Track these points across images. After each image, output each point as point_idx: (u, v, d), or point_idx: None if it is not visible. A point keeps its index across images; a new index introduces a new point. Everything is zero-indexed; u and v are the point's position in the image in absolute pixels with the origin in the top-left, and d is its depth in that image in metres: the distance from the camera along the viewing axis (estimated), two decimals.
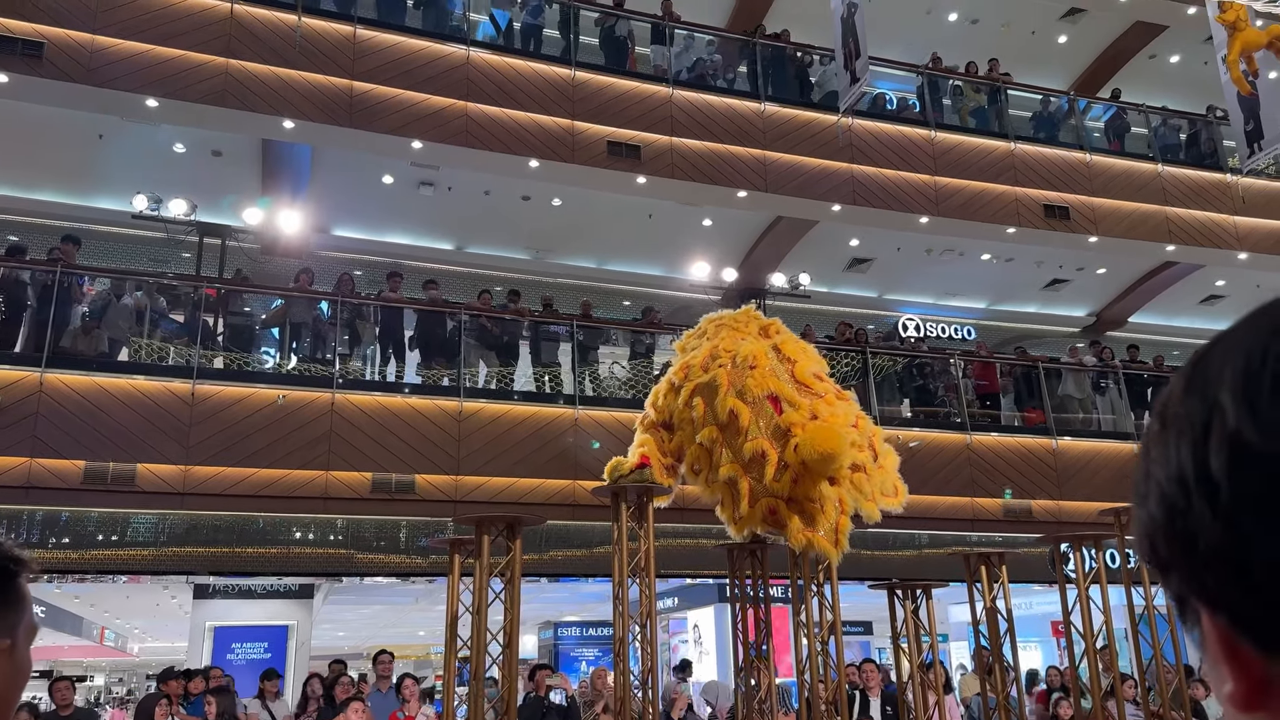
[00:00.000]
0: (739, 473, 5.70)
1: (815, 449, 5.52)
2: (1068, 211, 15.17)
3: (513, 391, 12.06)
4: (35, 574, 1.18)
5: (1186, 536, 0.52)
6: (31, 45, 10.78)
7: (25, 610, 1.15)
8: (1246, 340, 0.52)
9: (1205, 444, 0.51)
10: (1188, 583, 0.53)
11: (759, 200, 13.99)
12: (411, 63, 12.32)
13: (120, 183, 12.97)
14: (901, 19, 16.46)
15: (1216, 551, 0.50)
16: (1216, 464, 0.50)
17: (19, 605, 1.12)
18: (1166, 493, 0.53)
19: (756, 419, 5.77)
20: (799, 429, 5.62)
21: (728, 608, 13.44)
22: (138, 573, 11.01)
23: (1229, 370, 0.51)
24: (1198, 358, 0.55)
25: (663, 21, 14.28)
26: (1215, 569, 0.51)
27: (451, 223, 14.93)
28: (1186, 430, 0.52)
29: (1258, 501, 0.48)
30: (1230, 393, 0.51)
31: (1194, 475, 0.51)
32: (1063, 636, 15.09)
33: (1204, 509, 0.50)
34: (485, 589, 5.31)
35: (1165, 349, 17.49)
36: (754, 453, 5.66)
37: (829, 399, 6.05)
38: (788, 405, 5.82)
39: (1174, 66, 18.70)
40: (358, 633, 22.08)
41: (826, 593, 5.81)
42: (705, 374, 6.04)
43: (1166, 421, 0.54)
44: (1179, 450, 0.52)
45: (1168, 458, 0.53)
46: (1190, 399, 0.53)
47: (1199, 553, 0.51)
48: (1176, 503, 0.52)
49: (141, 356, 10.81)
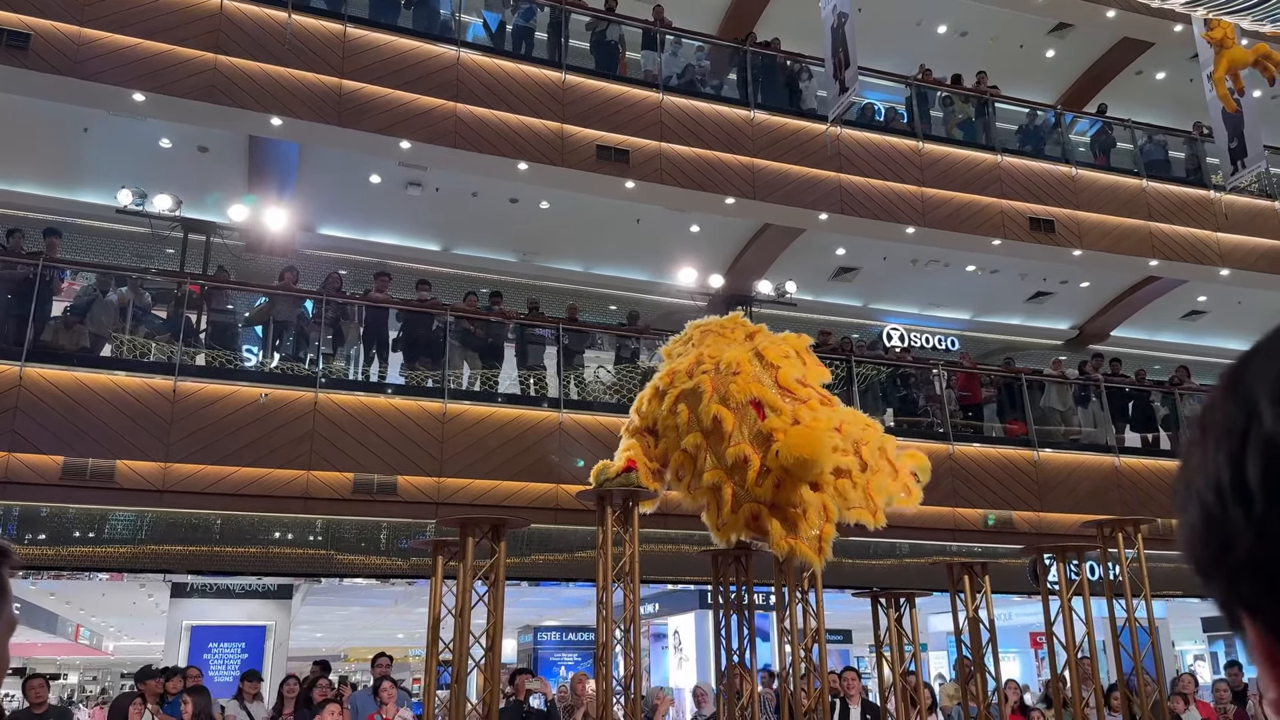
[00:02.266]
0: (723, 478, 5.69)
1: (794, 453, 5.52)
2: (1053, 225, 15.26)
3: (497, 394, 12.02)
4: (16, 567, 1.15)
5: (1223, 544, 0.51)
6: (18, 36, 10.68)
7: (4, 603, 1.12)
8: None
9: (1243, 452, 0.50)
10: (1228, 590, 0.52)
11: (747, 207, 14.01)
12: (401, 62, 12.28)
13: (105, 177, 12.87)
14: (891, 30, 16.54)
15: (1251, 560, 0.49)
16: (1253, 472, 0.49)
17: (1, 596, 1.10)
18: (1205, 500, 0.52)
19: (740, 425, 5.77)
20: (780, 434, 5.63)
21: (708, 614, 13.45)
22: (115, 570, 10.90)
23: (1268, 377, 0.51)
24: (1240, 364, 0.54)
25: (654, 27, 14.30)
26: (1250, 577, 0.50)
27: (439, 224, 14.89)
28: (1224, 438, 0.51)
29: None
30: (1269, 400, 0.50)
31: (1230, 483, 0.50)
32: (1041, 648, 15.15)
33: (1239, 517, 0.50)
34: (469, 591, 5.28)
35: (1147, 363, 17.61)
36: (736, 458, 5.66)
37: (812, 404, 6.06)
38: (770, 410, 5.82)
39: (1160, 83, 18.85)
40: (335, 634, 21.96)
41: (810, 600, 5.80)
42: (690, 380, 6.04)
43: (1207, 428, 0.53)
44: (1217, 458, 0.52)
45: (1206, 465, 0.52)
46: (1230, 406, 0.52)
47: (1235, 561, 0.50)
48: (1213, 511, 0.51)
49: (123, 352, 10.72)
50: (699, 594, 13.85)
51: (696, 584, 12.82)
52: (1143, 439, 15.03)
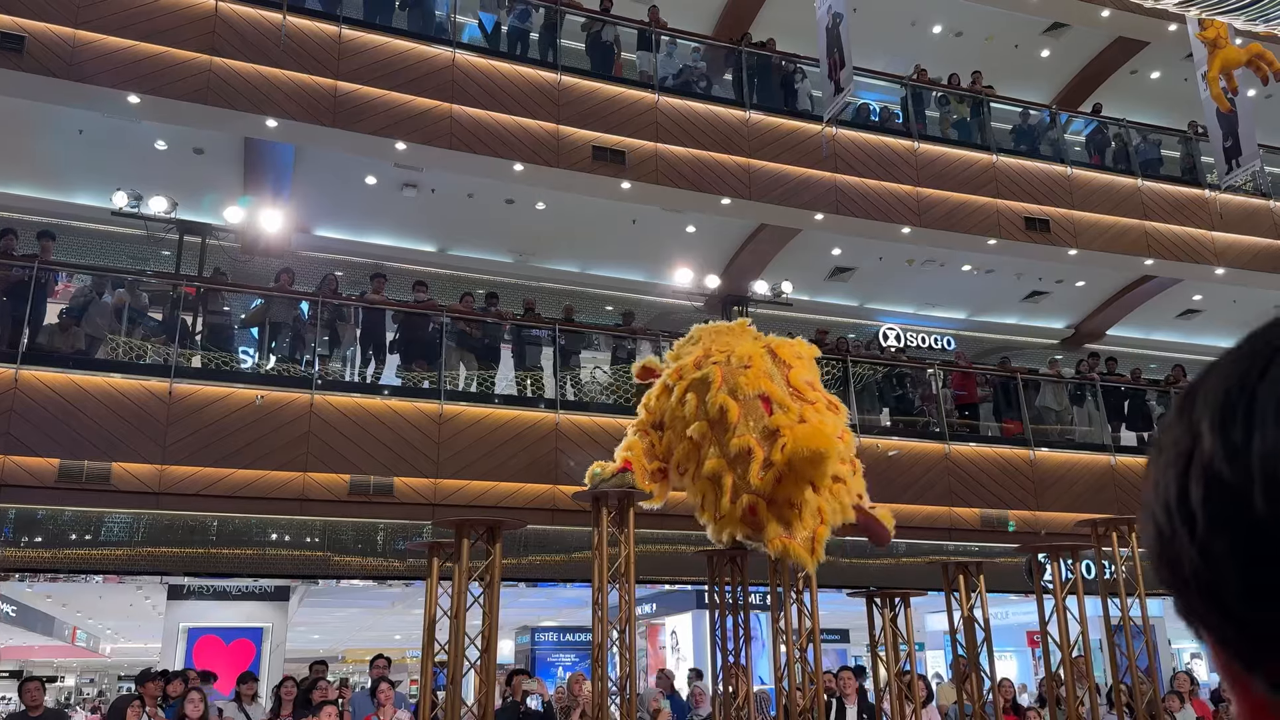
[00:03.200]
0: (724, 468, 5.70)
1: (804, 447, 5.52)
2: (1048, 224, 15.28)
3: (494, 395, 12.02)
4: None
5: (1173, 563, 0.53)
6: (12, 39, 10.67)
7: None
8: (1231, 369, 0.52)
9: (1187, 473, 0.51)
10: (1186, 609, 0.54)
11: (743, 208, 14.02)
12: (396, 64, 12.28)
13: (100, 179, 12.86)
14: (886, 30, 16.56)
15: (1195, 579, 0.51)
16: (1195, 494, 0.51)
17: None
18: (1157, 519, 0.54)
19: (746, 417, 5.76)
20: (787, 430, 5.63)
21: (705, 614, 13.48)
22: (111, 573, 10.90)
23: (1211, 400, 0.52)
24: (1192, 385, 0.55)
25: (649, 28, 14.30)
26: (1196, 595, 0.51)
27: (434, 225, 14.88)
28: (1174, 459, 0.53)
29: (1227, 534, 0.49)
30: (1209, 422, 0.51)
31: (1176, 504, 0.52)
32: (1038, 647, 15.18)
33: (1184, 537, 0.51)
34: (464, 593, 5.28)
35: (1143, 362, 17.65)
36: (740, 449, 5.67)
37: (819, 407, 6.06)
38: (778, 407, 5.83)
39: (1155, 82, 18.89)
40: (333, 635, 21.94)
41: (805, 600, 5.81)
42: (698, 371, 6.04)
43: (1161, 448, 0.55)
44: (1167, 477, 0.53)
45: (1159, 484, 0.54)
46: (1180, 427, 0.53)
47: (1182, 579, 0.52)
48: (1164, 529, 0.53)
49: (119, 355, 10.71)
50: (696, 594, 13.86)
51: (693, 584, 12.83)
52: (1138, 438, 15.06)
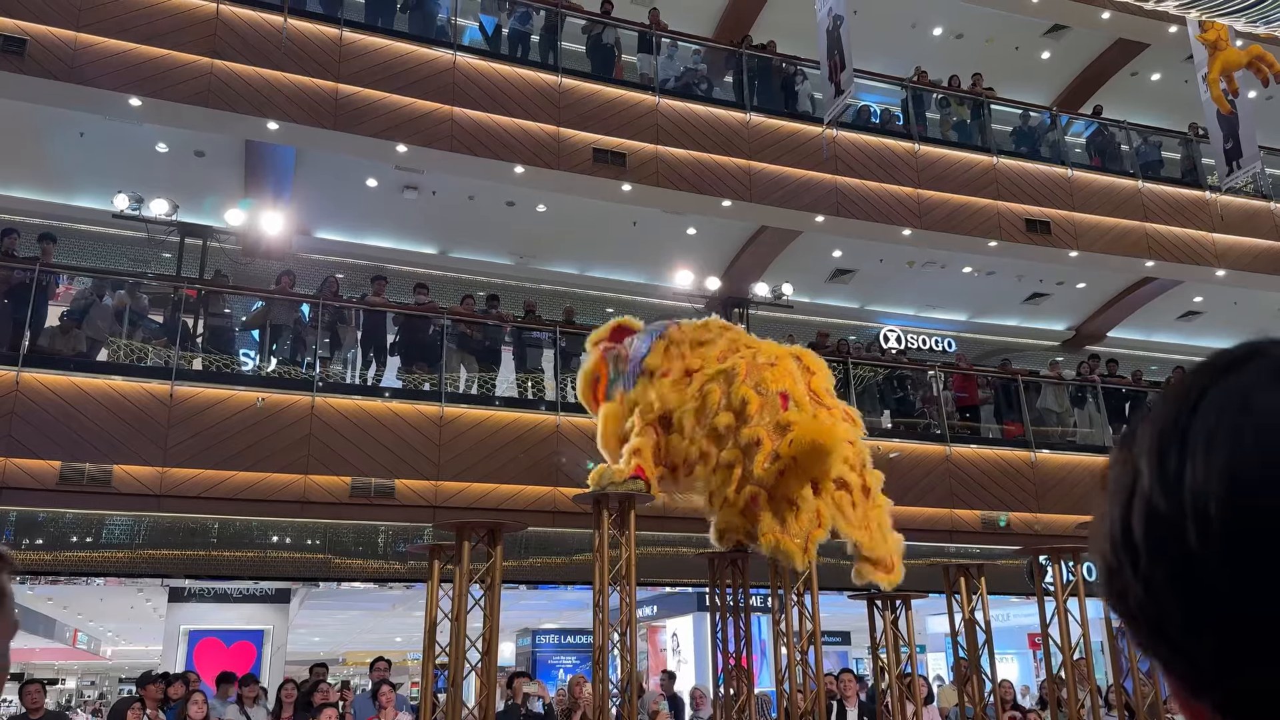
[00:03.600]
0: (738, 458, 5.70)
1: (809, 437, 5.58)
2: (1049, 226, 15.28)
3: (494, 397, 12.03)
4: (15, 571, 1.16)
5: (1119, 594, 0.55)
6: (14, 42, 10.68)
7: (6, 606, 1.13)
8: (1166, 408, 0.55)
9: (1129, 508, 0.54)
10: (1137, 640, 0.55)
11: (743, 210, 14.03)
12: (397, 66, 12.29)
13: (101, 182, 12.87)
14: (887, 33, 16.56)
15: (1141, 610, 0.53)
16: (1136, 527, 0.53)
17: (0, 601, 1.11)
18: (1104, 553, 0.56)
19: (763, 409, 5.78)
20: (797, 425, 5.65)
21: (706, 616, 13.47)
22: (112, 575, 10.91)
23: (1148, 437, 0.55)
24: (1130, 428, 0.58)
25: (650, 30, 14.31)
26: (1142, 626, 0.54)
27: (435, 227, 14.89)
28: (1117, 493, 0.56)
29: (1166, 565, 0.51)
30: (1146, 458, 0.54)
31: (1120, 537, 0.54)
32: (1039, 649, 15.16)
33: (1129, 569, 0.54)
34: (465, 595, 5.28)
35: (1144, 363, 17.64)
36: (750, 439, 5.68)
37: (836, 413, 6.08)
38: (794, 405, 5.85)
39: (1155, 84, 18.89)
40: (333, 637, 21.93)
41: (806, 602, 5.81)
42: (723, 364, 6.03)
43: (1106, 485, 0.58)
44: (1112, 513, 0.56)
45: (1104, 520, 0.57)
46: (1122, 463, 0.56)
47: (1128, 610, 0.54)
48: (1110, 563, 0.55)
49: (120, 357, 10.72)
50: (697, 596, 13.86)
51: (695, 586, 12.83)
52: None
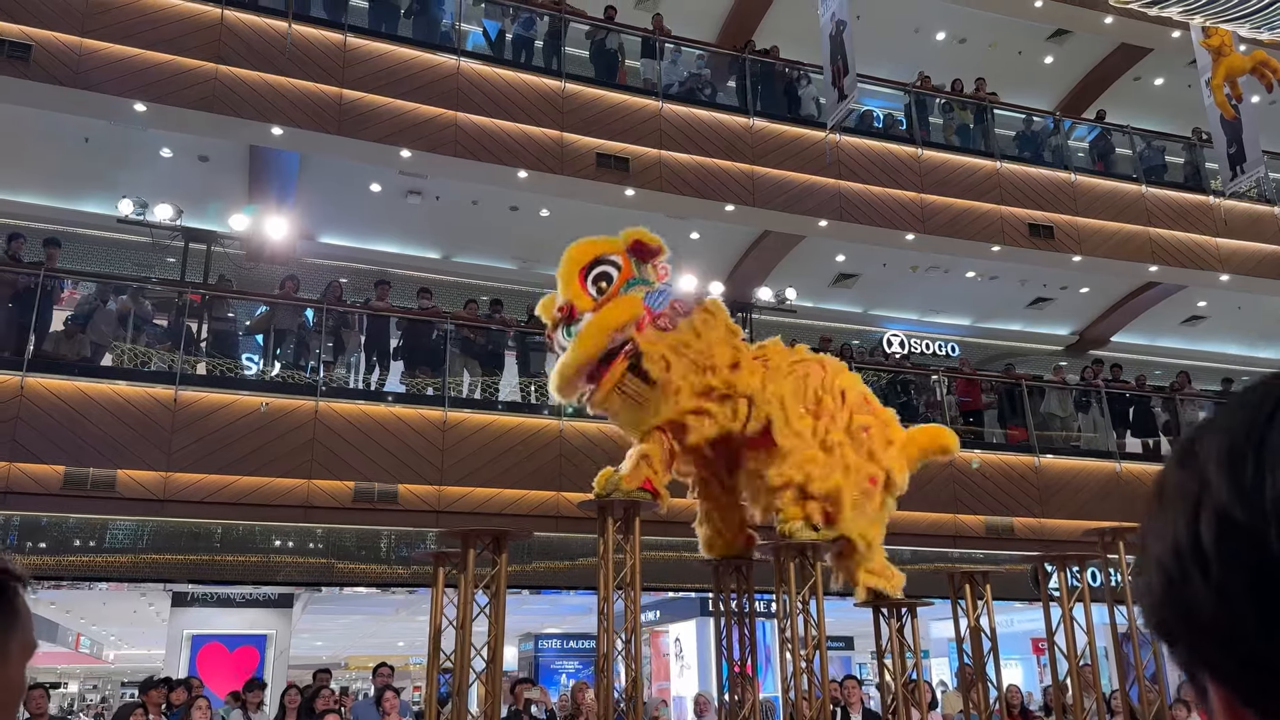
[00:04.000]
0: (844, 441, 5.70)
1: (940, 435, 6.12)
2: (1052, 231, 15.28)
3: (498, 402, 12.03)
4: (31, 587, 1.15)
5: (1186, 608, 0.54)
6: (19, 47, 10.71)
7: (19, 626, 1.12)
8: (1234, 419, 0.55)
9: (1197, 518, 0.53)
10: (1192, 654, 0.55)
11: (746, 215, 14.03)
12: (401, 71, 12.31)
13: (106, 186, 12.90)
14: (890, 37, 16.57)
15: (1213, 622, 0.52)
16: (1206, 537, 0.53)
17: (13, 620, 1.10)
18: (1164, 565, 0.55)
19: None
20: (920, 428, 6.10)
21: (709, 621, 13.44)
22: (116, 580, 10.91)
23: (1217, 447, 0.55)
24: (1191, 436, 0.58)
25: (653, 36, 14.33)
26: (1213, 639, 0.53)
27: (439, 232, 14.91)
28: (1180, 505, 0.55)
29: (1243, 573, 0.51)
30: (1217, 468, 0.54)
31: (1188, 548, 0.54)
32: (1043, 654, 15.12)
33: (1198, 581, 0.53)
34: (470, 603, 5.28)
35: (1148, 368, 17.62)
36: (861, 426, 5.80)
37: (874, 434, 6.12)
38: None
39: (1158, 89, 18.89)
40: (336, 642, 21.91)
41: (812, 609, 5.81)
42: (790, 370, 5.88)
43: (1163, 497, 0.57)
44: (1175, 524, 0.55)
45: (1164, 532, 0.56)
46: (1184, 475, 0.56)
47: (1198, 624, 0.53)
48: (1173, 575, 0.55)
49: (124, 362, 10.73)
50: (700, 601, 13.84)
51: (697, 591, 12.82)
52: (1143, 444, 15.04)
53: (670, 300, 5.53)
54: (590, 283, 5.52)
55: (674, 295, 5.59)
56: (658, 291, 5.54)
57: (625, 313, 5.34)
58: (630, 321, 5.33)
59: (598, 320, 5.32)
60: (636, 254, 5.63)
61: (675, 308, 5.51)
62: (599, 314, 5.35)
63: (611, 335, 5.28)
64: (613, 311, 5.35)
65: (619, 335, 5.30)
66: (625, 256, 5.60)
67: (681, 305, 5.56)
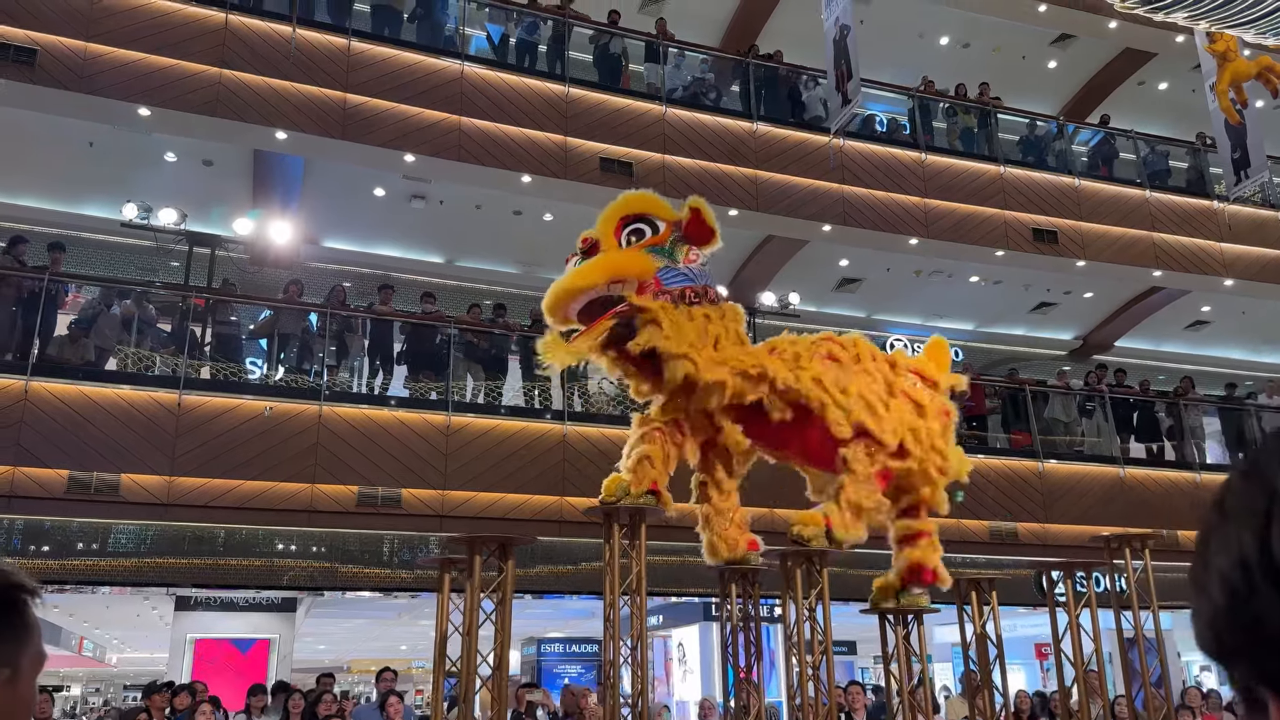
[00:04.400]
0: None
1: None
2: (1056, 235, 15.27)
3: (501, 406, 12.02)
4: (41, 599, 1.16)
5: (1251, 621, 0.53)
6: (24, 52, 10.73)
7: (30, 639, 1.12)
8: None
9: (1267, 530, 0.53)
10: (1254, 669, 0.53)
11: (750, 219, 14.03)
12: (405, 76, 12.33)
13: (110, 191, 12.91)
14: (893, 42, 16.58)
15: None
16: (1278, 550, 0.52)
17: (24, 634, 1.10)
18: (1229, 578, 0.55)
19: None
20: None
21: (713, 626, 13.42)
22: (119, 584, 10.90)
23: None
24: (1255, 453, 0.57)
25: (657, 40, 14.34)
26: (1275, 651, 0.51)
27: (442, 236, 14.91)
28: (1248, 518, 0.54)
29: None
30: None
31: (1257, 561, 0.53)
32: (1046, 659, 15.09)
33: (1269, 593, 0.52)
34: (476, 610, 5.27)
35: (1151, 373, 17.60)
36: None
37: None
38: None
39: (1162, 93, 18.88)
40: (339, 646, 21.93)
41: (819, 615, 5.80)
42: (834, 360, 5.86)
43: (1226, 512, 0.56)
44: (1241, 538, 0.54)
45: (1229, 546, 0.55)
46: (1250, 488, 0.55)
47: (1266, 636, 0.52)
48: (1239, 589, 0.54)
49: (128, 366, 10.74)
50: (703, 606, 13.82)
51: (700, 596, 12.80)
52: (1147, 449, 15.01)
53: (684, 287, 5.35)
54: (626, 233, 5.42)
55: (690, 282, 5.40)
56: (676, 271, 5.37)
57: (634, 265, 5.21)
58: (635, 276, 5.20)
59: (605, 258, 5.23)
60: (688, 230, 5.46)
61: (686, 294, 5.34)
62: (609, 254, 5.26)
63: (611, 278, 5.18)
64: (623, 257, 5.24)
65: (618, 285, 5.19)
66: (670, 226, 5.47)
67: (692, 295, 5.38)
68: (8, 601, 1.09)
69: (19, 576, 1.11)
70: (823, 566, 5.76)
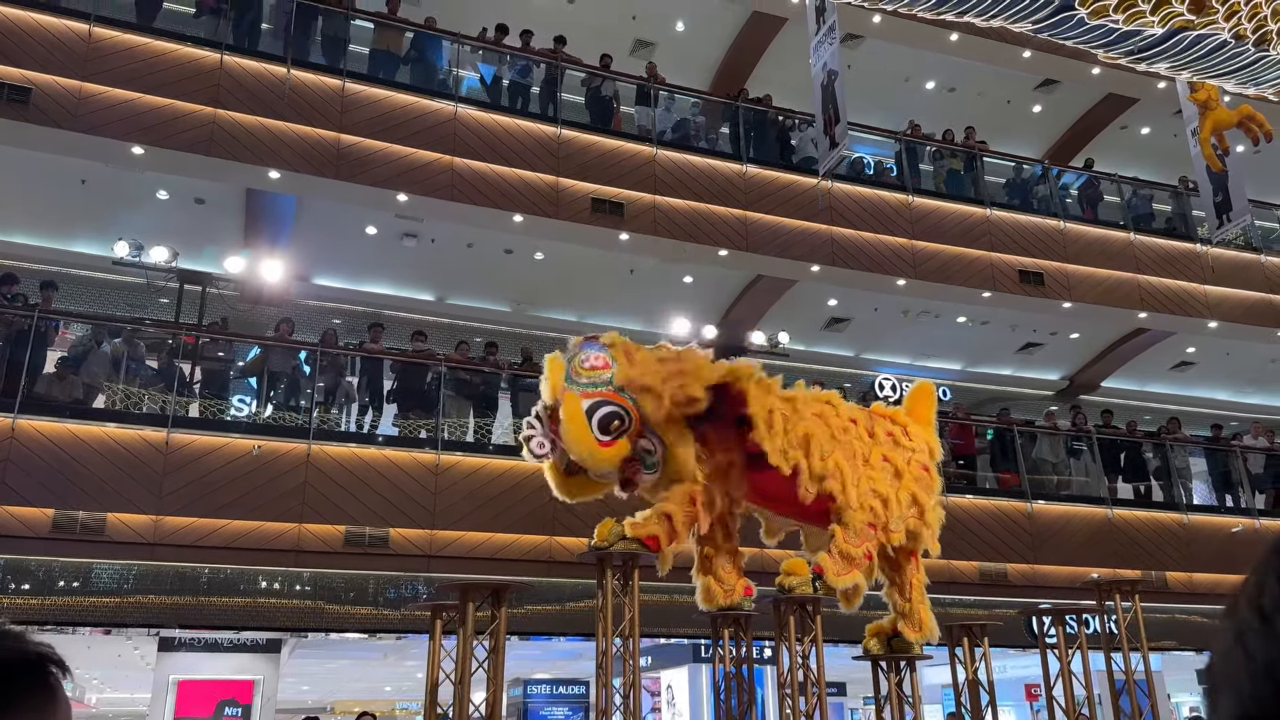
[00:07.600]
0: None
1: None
2: (1042, 277, 15.41)
3: (490, 444, 11.99)
4: (71, 677, 1.12)
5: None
6: (19, 90, 10.77)
7: (61, 718, 1.08)
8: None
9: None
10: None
11: (740, 259, 14.12)
12: (399, 117, 12.41)
13: (102, 228, 12.91)
14: (881, 86, 16.80)
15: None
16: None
17: (54, 712, 1.06)
18: (1277, 675, 0.56)
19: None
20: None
21: (702, 668, 13.32)
22: (101, 624, 10.76)
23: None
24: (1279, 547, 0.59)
25: (647, 83, 14.50)
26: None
27: (433, 274, 14.95)
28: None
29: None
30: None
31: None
32: (1036, 700, 15.01)
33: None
34: (469, 657, 5.24)
35: (1138, 413, 17.69)
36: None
37: None
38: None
39: (1145, 138, 19.15)
40: (322, 686, 21.63)
41: (812, 661, 5.78)
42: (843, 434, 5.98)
43: (1265, 611, 0.57)
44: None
45: (1271, 639, 0.56)
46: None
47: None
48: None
49: (116, 404, 10.68)
50: (692, 647, 13.72)
51: (689, 637, 12.71)
52: (1135, 490, 15.06)
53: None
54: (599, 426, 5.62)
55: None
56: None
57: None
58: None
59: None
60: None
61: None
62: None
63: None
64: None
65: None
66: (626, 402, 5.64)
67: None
68: (41, 679, 1.05)
69: (51, 652, 1.08)
70: (816, 612, 5.75)
